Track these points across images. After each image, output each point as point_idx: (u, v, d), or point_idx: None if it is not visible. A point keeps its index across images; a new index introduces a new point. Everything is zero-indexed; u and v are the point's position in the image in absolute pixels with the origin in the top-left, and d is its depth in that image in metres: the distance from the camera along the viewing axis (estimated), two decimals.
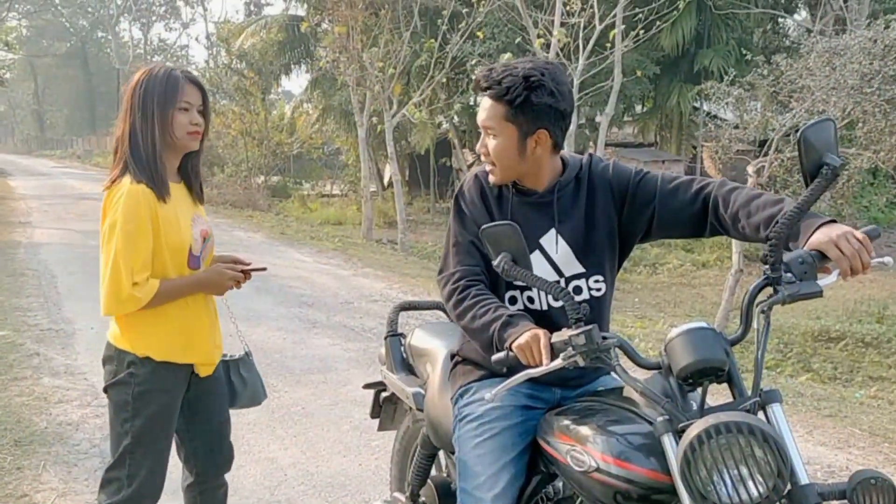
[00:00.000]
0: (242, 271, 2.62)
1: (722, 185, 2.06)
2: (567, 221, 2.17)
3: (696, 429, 1.64)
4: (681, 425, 1.72)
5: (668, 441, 1.73)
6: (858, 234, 1.77)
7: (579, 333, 1.77)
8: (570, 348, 1.79)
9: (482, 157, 2.19)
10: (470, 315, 2.07)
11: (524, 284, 2.14)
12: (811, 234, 1.80)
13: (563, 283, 2.14)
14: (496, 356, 1.94)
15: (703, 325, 1.81)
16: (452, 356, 2.39)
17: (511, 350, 1.90)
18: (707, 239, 14.83)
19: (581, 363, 1.79)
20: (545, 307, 2.17)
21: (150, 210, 2.39)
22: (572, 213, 2.18)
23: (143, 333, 2.46)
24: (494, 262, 1.90)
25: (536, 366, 1.85)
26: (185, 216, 2.53)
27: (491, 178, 2.20)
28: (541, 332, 1.87)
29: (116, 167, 2.46)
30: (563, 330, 1.83)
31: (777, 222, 1.79)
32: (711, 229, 2.09)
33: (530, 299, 2.19)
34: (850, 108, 9.90)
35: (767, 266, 1.78)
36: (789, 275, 1.77)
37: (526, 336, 1.88)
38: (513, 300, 2.21)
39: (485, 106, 2.11)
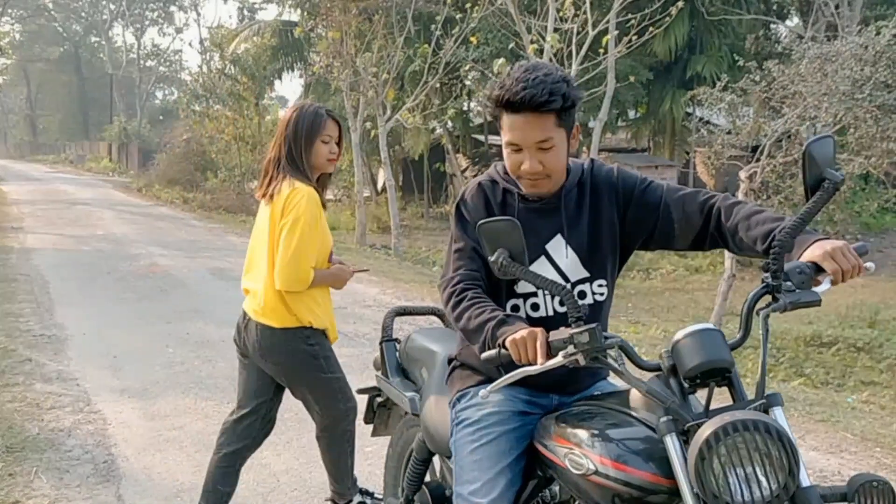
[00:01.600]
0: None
1: (726, 198, 2.09)
2: (574, 227, 2.17)
3: (711, 426, 1.64)
4: (687, 425, 1.73)
5: (671, 441, 1.73)
6: (852, 249, 1.84)
7: (583, 331, 1.76)
8: (572, 346, 1.77)
9: (530, 178, 2.11)
10: (466, 316, 2.02)
11: (527, 292, 2.14)
12: (807, 248, 1.85)
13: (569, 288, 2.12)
14: (487, 353, 1.90)
15: (711, 326, 1.84)
16: (450, 360, 2.38)
17: (504, 347, 1.86)
18: None
19: (582, 362, 1.77)
20: (550, 313, 2.15)
21: (320, 212, 3.11)
22: (578, 218, 2.17)
23: (313, 311, 3.16)
24: (491, 258, 1.86)
25: (531, 364, 1.82)
26: None
27: (538, 190, 2.15)
28: (538, 329, 1.84)
29: (274, 179, 3.13)
30: (562, 329, 1.81)
31: (781, 230, 1.84)
32: (711, 241, 2.10)
33: (535, 306, 2.16)
34: (842, 113, 9.95)
35: (768, 274, 1.81)
36: (789, 283, 1.81)
37: (522, 333, 1.83)
38: (515, 309, 2.18)
39: (533, 123, 2.03)
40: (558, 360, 1.79)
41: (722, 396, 1.85)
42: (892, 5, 17.61)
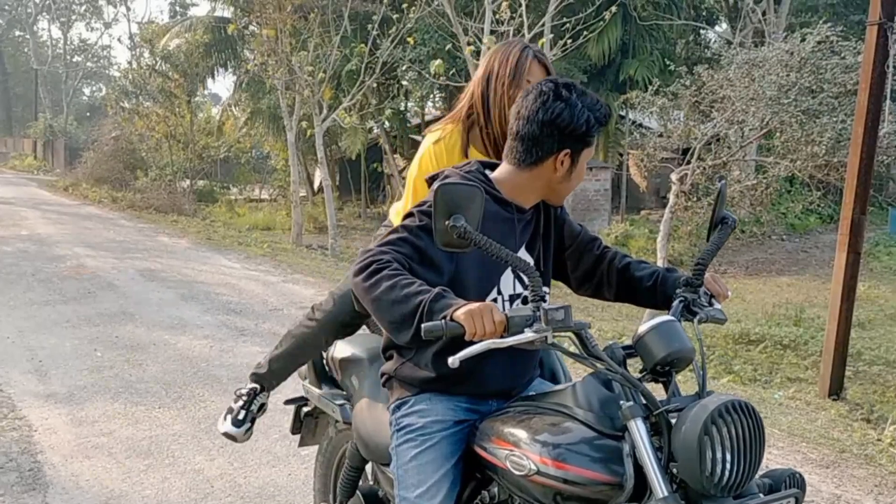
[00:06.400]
0: None
1: (618, 251, 2.36)
2: (536, 240, 2.23)
3: (711, 405, 1.69)
4: (657, 411, 1.78)
5: (637, 426, 1.76)
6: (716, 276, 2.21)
7: (559, 308, 1.75)
8: (543, 323, 1.73)
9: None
10: (388, 284, 1.85)
11: (491, 299, 2.11)
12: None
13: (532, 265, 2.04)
14: (429, 324, 1.73)
15: (672, 318, 1.92)
16: (383, 374, 2.30)
17: (451, 320, 1.73)
18: (634, 243, 15.11)
19: (550, 339, 1.75)
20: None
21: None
22: (537, 232, 2.23)
23: None
24: (447, 222, 1.73)
25: (484, 339, 1.73)
26: None
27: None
28: (492, 303, 1.78)
29: None
30: (519, 306, 1.81)
31: (703, 252, 2.10)
32: (597, 284, 2.33)
33: None
34: (769, 118, 10.22)
35: (689, 288, 2.09)
36: (699, 299, 2.09)
37: (476, 305, 1.73)
38: None
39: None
40: (527, 335, 1.74)
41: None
42: (816, 12, 18.22)
